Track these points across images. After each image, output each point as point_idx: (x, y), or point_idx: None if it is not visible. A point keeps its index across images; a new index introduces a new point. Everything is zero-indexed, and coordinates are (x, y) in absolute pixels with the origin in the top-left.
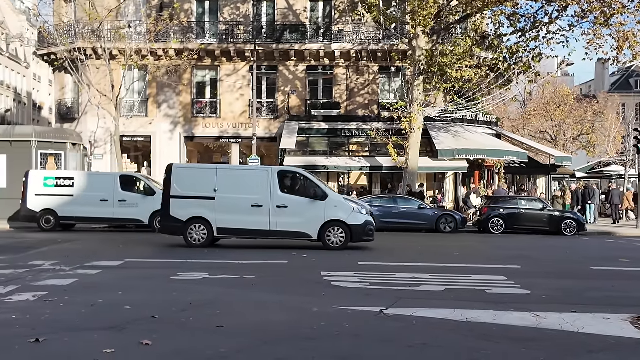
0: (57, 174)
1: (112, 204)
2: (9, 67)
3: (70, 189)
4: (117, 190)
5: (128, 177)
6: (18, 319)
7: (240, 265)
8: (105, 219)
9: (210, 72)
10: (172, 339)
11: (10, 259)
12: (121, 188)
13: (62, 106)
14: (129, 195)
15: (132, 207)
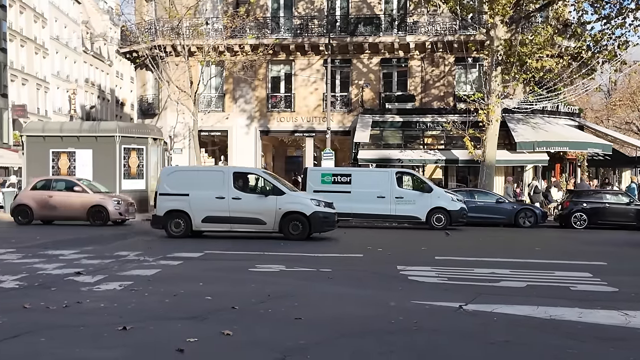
0: (334, 170)
1: (389, 201)
2: (94, 65)
3: (347, 185)
4: (393, 188)
5: (403, 173)
6: (106, 307)
7: (316, 258)
8: (383, 216)
9: (284, 66)
10: (251, 330)
11: (98, 250)
12: (397, 185)
13: (143, 102)
14: (406, 192)
15: (409, 204)
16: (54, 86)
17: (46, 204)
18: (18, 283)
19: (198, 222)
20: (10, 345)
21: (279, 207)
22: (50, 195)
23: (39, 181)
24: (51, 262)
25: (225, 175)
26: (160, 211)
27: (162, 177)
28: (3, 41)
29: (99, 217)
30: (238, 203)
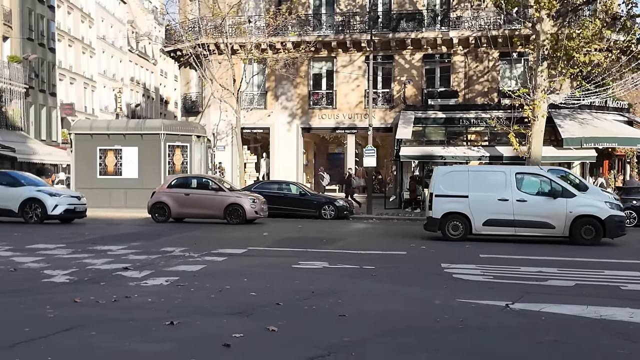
0: None
1: None
2: (139, 64)
3: None
4: None
5: None
6: (153, 302)
7: (359, 256)
8: None
9: (326, 63)
10: (296, 326)
11: (144, 246)
12: None
13: (187, 100)
14: None
15: None
16: (101, 85)
17: (183, 202)
18: (68, 278)
19: (479, 225)
20: (63, 339)
21: (570, 211)
22: (186, 193)
23: (175, 179)
24: (100, 257)
25: (507, 176)
26: (437, 213)
27: (436, 178)
28: (52, 41)
29: (235, 215)
30: (523, 205)
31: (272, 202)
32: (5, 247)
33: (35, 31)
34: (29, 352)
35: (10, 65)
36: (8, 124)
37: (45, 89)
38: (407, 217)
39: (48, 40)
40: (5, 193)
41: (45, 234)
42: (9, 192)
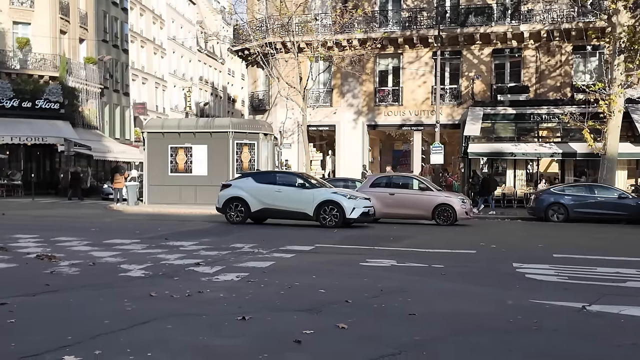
0: None
1: None
2: (207, 63)
3: None
4: None
5: None
6: (225, 297)
7: (427, 254)
8: None
9: (392, 60)
10: (366, 324)
11: (214, 242)
12: None
13: (254, 98)
14: None
15: None
16: (171, 84)
17: (388, 202)
18: (144, 272)
19: None
20: (140, 331)
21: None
22: (391, 193)
23: (378, 178)
24: (172, 252)
25: None
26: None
27: None
28: (125, 43)
29: (444, 216)
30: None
31: None
32: (84, 242)
33: (109, 33)
34: (109, 344)
35: (86, 66)
36: (84, 123)
37: (119, 89)
38: (475, 215)
39: (121, 41)
40: (299, 195)
41: (121, 229)
42: (303, 195)
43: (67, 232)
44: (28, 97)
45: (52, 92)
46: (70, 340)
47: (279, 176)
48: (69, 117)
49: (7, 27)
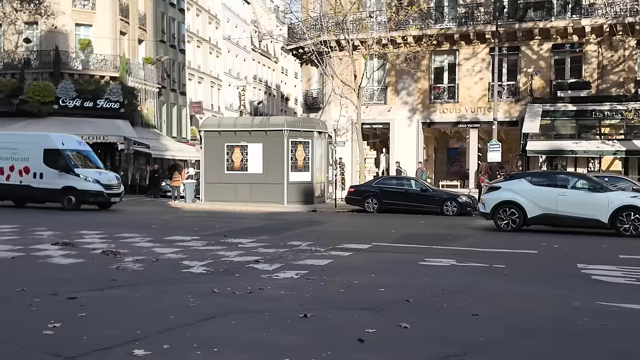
0: None
1: None
2: (261, 62)
3: None
4: None
5: None
6: (286, 294)
7: (488, 254)
8: None
9: (448, 56)
10: (428, 324)
11: (272, 239)
12: None
13: (308, 97)
14: None
15: None
16: (226, 83)
17: None
18: (205, 269)
19: None
20: (205, 327)
21: None
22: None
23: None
24: (232, 249)
25: None
26: None
27: None
28: (182, 43)
29: None
30: None
31: (391, 198)
32: (146, 239)
33: (167, 34)
34: (176, 339)
35: (145, 66)
36: (143, 122)
37: (176, 89)
38: None
39: (178, 42)
40: (589, 199)
41: (180, 226)
42: (594, 199)
43: (129, 229)
44: (90, 97)
45: (113, 92)
46: (139, 335)
47: (560, 178)
48: (128, 116)
49: (70, 29)
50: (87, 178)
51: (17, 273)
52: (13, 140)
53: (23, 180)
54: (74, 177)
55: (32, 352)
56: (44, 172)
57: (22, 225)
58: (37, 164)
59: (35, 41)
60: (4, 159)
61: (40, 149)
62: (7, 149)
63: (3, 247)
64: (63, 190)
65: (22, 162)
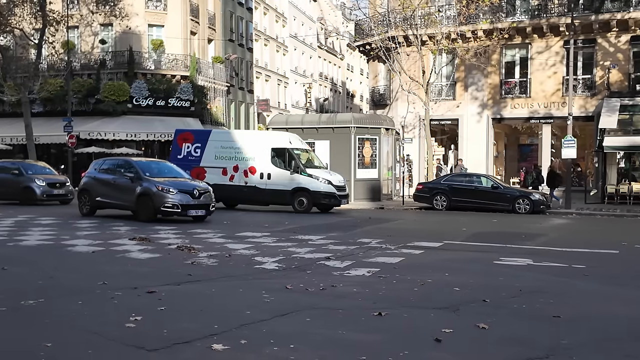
0: None
1: None
2: (327, 59)
3: None
4: None
5: None
6: (358, 292)
7: (566, 253)
8: None
9: (520, 50)
10: (507, 325)
11: (341, 236)
12: None
13: (375, 93)
14: None
15: None
16: (292, 81)
17: None
18: (277, 265)
19: None
20: (280, 323)
21: None
22: None
23: None
24: (302, 246)
25: None
26: None
27: None
28: (250, 41)
29: None
30: None
31: (461, 195)
32: (218, 234)
33: (235, 33)
34: (252, 334)
35: (214, 65)
36: (212, 120)
37: (244, 87)
38: (612, 213)
39: (246, 40)
40: None
41: (250, 222)
42: None
43: (201, 224)
44: (162, 96)
45: (184, 91)
46: (216, 329)
47: None
48: (198, 115)
49: (143, 29)
50: (320, 178)
51: (98, 267)
52: (236, 139)
53: (248, 181)
54: (305, 177)
55: (117, 344)
56: (272, 173)
57: (100, 221)
58: (264, 164)
59: (110, 42)
60: (227, 159)
61: (267, 148)
62: (231, 149)
63: (84, 242)
64: (294, 191)
65: (247, 162)
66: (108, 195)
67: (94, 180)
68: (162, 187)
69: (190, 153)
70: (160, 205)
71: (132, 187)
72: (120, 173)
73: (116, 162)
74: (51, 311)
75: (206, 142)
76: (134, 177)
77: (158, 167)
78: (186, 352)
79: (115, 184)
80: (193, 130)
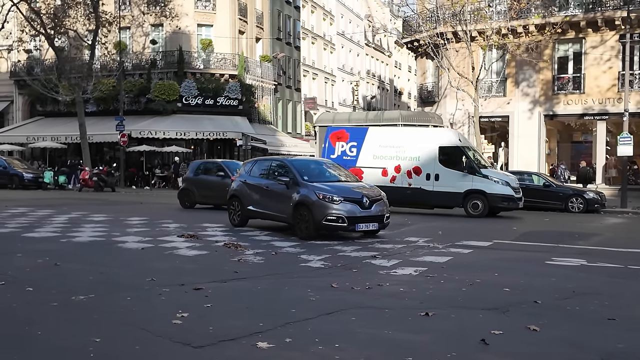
0: None
1: None
2: (374, 56)
3: None
4: None
5: None
6: (405, 291)
7: (621, 254)
8: None
9: (573, 45)
10: (559, 327)
11: (388, 235)
12: None
13: (423, 90)
14: None
15: None
16: (339, 79)
17: None
18: (323, 263)
19: None
20: (326, 321)
21: None
22: None
23: None
24: (348, 244)
25: None
26: None
27: None
28: (297, 40)
29: None
30: None
31: None
32: (264, 232)
33: (283, 31)
34: (298, 332)
35: (262, 64)
36: (260, 118)
37: (291, 85)
38: None
39: (294, 39)
40: None
41: None
42: None
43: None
44: (210, 95)
45: (232, 90)
46: (261, 327)
47: None
48: (246, 113)
49: (192, 29)
50: (497, 180)
51: (147, 263)
52: (398, 137)
53: (412, 182)
54: (480, 178)
55: (164, 340)
56: (440, 173)
57: (149, 218)
58: (430, 164)
59: (161, 42)
60: (387, 159)
61: (434, 146)
62: (391, 147)
63: (134, 239)
64: (466, 194)
65: (411, 162)
66: (261, 204)
67: (245, 186)
68: (323, 194)
69: (345, 152)
70: (322, 218)
71: (288, 195)
72: (274, 177)
73: (270, 163)
74: (101, 307)
75: (363, 141)
76: (290, 181)
77: (318, 169)
78: (232, 349)
79: (269, 191)
80: (348, 128)
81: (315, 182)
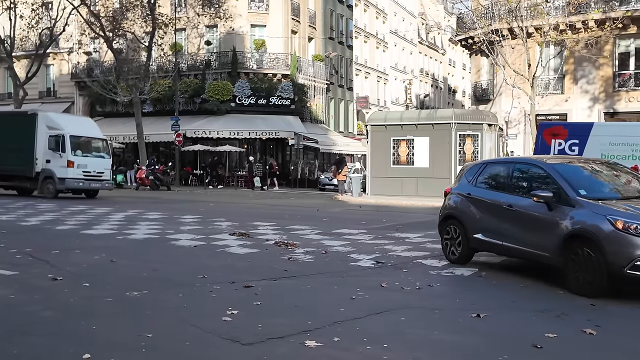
0: None
1: None
2: (428, 55)
3: None
4: None
5: None
6: (456, 292)
7: None
8: None
9: (635, 40)
10: (617, 332)
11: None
12: None
13: (477, 88)
14: None
15: None
16: (392, 77)
17: None
18: (373, 262)
19: None
20: (375, 321)
21: None
22: None
23: None
24: (399, 244)
25: None
26: None
27: None
28: (349, 39)
29: None
30: None
31: None
32: (315, 231)
33: (335, 30)
34: (346, 331)
35: (314, 63)
36: (312, 118)
37: (343, 84)
38: None
39: (346, 38)
40: None
41: (347, 219)
42: None
43: (300, 221)
44: (263, 95)
45: (284, 89)
46: (310, 326)
47: None
48: (298, 113)
49: (246, 30)
50: None
51: (199, 260)
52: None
53: None
54: None
55: (214, 337)
56: None
57: (202, 216)
58: None
59: (215, 43)
60: (620, 159)
61: None
62: (627, 145)
63: (187, 237)
64: None
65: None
66: (499, 233)
67: (469, 202)
68: (624, 221)
69: (564, 151)
70: (626, 264)
71: (550, 220)
72: (522, 189)
73: (510, 167)
74: (153, 303)
75: (587, 138)
76: (554, 197)
77: (596, 174)
78: (280, 347)
79: (513, 212)
80: (566, 124)
81: (602, 200)
